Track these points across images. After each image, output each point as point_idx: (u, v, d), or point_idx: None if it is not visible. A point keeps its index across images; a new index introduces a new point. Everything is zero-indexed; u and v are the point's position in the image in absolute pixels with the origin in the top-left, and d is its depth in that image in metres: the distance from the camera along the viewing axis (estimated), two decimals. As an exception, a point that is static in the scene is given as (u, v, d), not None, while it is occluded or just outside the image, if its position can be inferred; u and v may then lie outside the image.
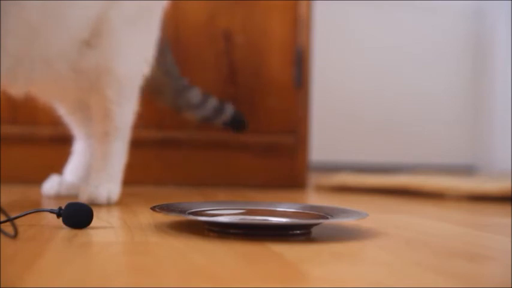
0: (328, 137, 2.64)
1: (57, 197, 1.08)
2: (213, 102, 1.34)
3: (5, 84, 0.95)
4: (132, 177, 1.12)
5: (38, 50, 0.92)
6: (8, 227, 0.62)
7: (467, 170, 2.79)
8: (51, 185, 1.10)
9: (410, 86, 2.86)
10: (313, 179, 1.64)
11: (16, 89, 1.00)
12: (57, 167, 1.15)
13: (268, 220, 0.75)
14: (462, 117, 2.94)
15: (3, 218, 0.64)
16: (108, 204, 0.97)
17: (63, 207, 0.69)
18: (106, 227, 0.71)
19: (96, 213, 0.75)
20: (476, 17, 2.94)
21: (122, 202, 1.00)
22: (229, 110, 1.38)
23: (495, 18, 2.88)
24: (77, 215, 0.69)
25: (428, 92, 2.88)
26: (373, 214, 0.89)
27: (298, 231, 0.69)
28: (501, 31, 2.85)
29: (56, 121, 1.21)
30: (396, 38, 2.85)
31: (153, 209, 0.70)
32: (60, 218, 0.69)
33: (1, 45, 0.87)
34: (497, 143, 2.85)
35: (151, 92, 1.19)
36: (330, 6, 2.66)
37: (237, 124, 1.39)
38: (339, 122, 2.75)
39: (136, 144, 1.13)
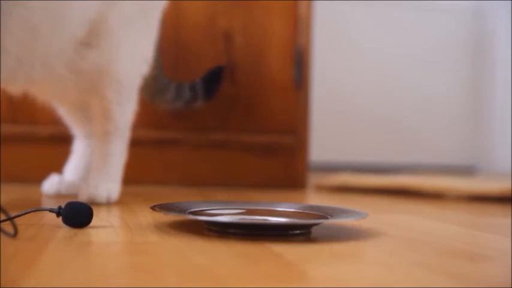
0: (328, 137, 2.65)
1: (57, 196, 1.08)
2: (186, 93, 1.29)
3: (5, 84, 0.95)
4: (132, 177, 1.12)
5: (38, 50, 0.92)
6: (8, 226, 0.62)
7: (467, 170, 2.79)
8: (51, 184, 1.11)
9: (410, 86, 2.86)
10: (313, 179, 1.64)
11: (16, 89, 1.00)
12: (57, 166, 1.15)
13: (268, 220, 0.75)
14: (462, 117, 2.95)
15: (3, 217, 0.64)
16: (108, 204, 0.97)
17: (63, 207, 0.69)
18: (106, 227, 0.71)
19: (96, 212, 0.75)
20: (476, 17, 2.94)
21: (122, 201, 1.00)
22: (199, 90, 1.30)
23: (495, 18, 2.88)
24: (77, 214, 0.68)
25: (428, 92, 2.88)
26: (373, 214, 0.89)
27: (298, 231, 0.69)
28: (501, 31, 2.85)
29: (55, 121, 1.21)
30: (396, 38, 2.85)
31: (153, 208, 0.70)
32: (60, 217, 0.69)
33: (1, 45, 0.87)
34: (497, 143, 2.85)
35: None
36: (330, 6, 2.66)
37: (213, 84, 1.32)
38: (339, 122, 2.75)
39: (136, 144, 1.13)
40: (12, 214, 0.64)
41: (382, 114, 2.81)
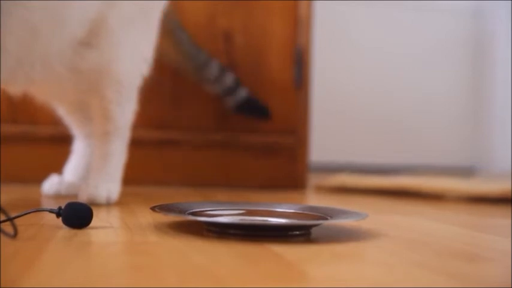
0: (328, 137, 2.65)
1: (57, 196, 1.08)
2: (229, 79, 1.41)
3: (5, 84, 0.95)
4: (132, 177, 1.12)
5: (38, 50, 0.92)
6: (7, 227, 0.62)
7: (467, 171, 2.79)
8: (51, 185, 1.11)
9: (410, 87, 2.86)
10: (313, 179, 1.64)
11: (16, 89, 1.00)
12: (57, 167, 1.15)
13: (267, 221, 0.75)
14: (462, 117, 2.94)
15: (3, 218, 0.64)
16: (108, 204, 0.97)
17: (62, 207, 0.69)
18: (106, 227, 0.71)
19: (96, 213, 0.75)
20: (476, 17, 2.94)
21: (122, 202, 1.00)
22: (242, 93, 1.43)
23: (495, 18, 2.89)
24: (77, 215, 0.68)
25: (428, 92, 2.88)
26: (373, 215, 0.89)
27: (297, 232, 0.69)
28: (501, 31, 2.85)
29: (56, 121, 1.21)
30: (396, 38, 2.85)
31: (152, 209, 0.70)
32: (60, 218, 0.69)
33: (1, 45, 0.87)
34: (497, 143, 2.85)
35: (176, 69, 1.35)
36: (330, 6, 2.66)
37: (251, 111, 1.45)
38: (339, 122, 2.75)
39: (136, 144, 1.13)
40: (12, 214, 0.64)
41: (382, 114, 2.81)
